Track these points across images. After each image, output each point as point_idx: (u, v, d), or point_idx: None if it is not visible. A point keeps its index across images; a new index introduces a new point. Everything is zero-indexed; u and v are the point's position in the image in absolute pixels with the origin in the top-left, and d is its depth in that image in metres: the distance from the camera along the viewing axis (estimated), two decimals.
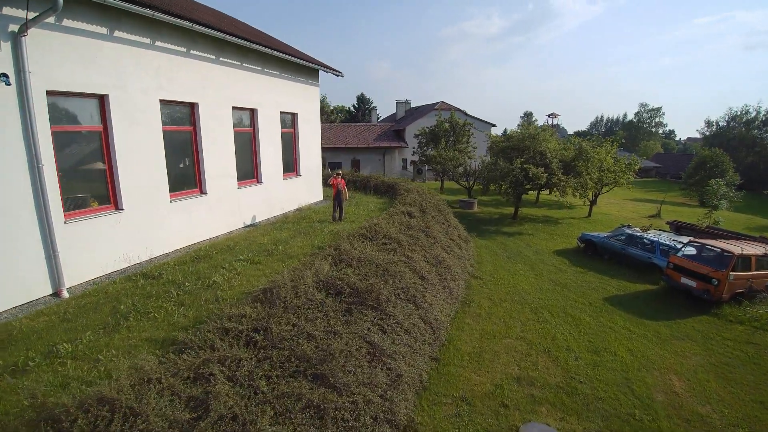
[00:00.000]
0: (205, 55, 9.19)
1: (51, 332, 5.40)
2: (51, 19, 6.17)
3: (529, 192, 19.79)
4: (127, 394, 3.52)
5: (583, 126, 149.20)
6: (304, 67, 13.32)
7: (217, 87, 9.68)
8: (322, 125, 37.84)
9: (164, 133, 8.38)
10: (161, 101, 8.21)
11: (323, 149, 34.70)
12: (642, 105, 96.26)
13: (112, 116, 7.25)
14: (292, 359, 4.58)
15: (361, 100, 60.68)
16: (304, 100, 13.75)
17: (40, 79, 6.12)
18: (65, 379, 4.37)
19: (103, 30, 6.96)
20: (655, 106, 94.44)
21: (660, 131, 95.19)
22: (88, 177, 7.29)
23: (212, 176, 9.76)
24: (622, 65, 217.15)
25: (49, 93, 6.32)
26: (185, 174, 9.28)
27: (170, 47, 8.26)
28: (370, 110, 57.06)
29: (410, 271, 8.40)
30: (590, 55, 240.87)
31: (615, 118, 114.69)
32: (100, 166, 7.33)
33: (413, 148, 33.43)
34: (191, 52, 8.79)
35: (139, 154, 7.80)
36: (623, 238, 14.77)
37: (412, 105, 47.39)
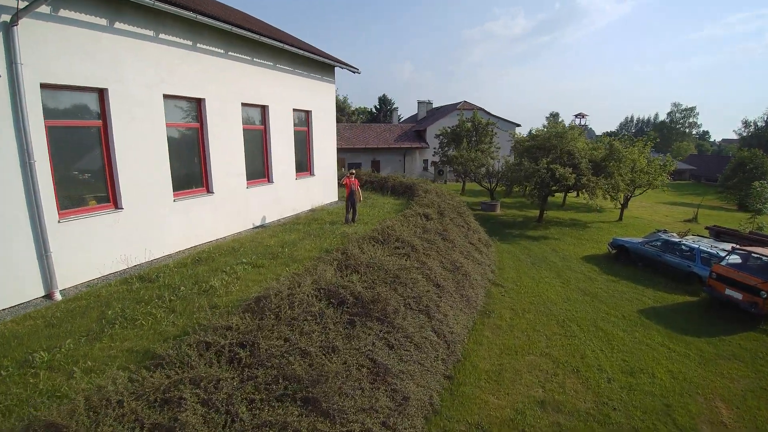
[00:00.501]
0: (213, 48, 8.84)
1: (33, 338, 5.05)
2: (46, 10, 5.89)
3: (556, 194, 18.72)
4: (81, 420, 3.04)
5: (612, 127, 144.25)
6: (318, 63, 12.89)
7: (226, 82, 9.32)
8: (341, 126, 37.80)
9: (168, 129, 8.05)
10: (165, 96, 7.88)
11: (343, 150, 34.45)
12: (675, 105, 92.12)
13: (111, 111, 6.94)
14: (280, 380, 4.03)
15: (383, 101, 60.26)
16: (318, 97, 13.31)
17: (33, 71, 5.83)
18: (32, 393, 3.96)
19: (103, 21, 6.65)
20: (689, 105, 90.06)
21: (693, 132, 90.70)
22: (86, 174, 7.00)
23: (219, 175, 9.40)
24: (651, 64, 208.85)
25: (43, 86, 6.03)
26: (190, 172, 8.95)
27: (175, 40, 7.92)
28: (391, 111, 56.53)
29: (424, 278, 7.76)
30: (618, 55, 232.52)
31: (646, 118, 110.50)
32: (98, 163, 7.03)
33: (434, 148, 32.67)
34: (198, 45, 8.44)
35: (140, 151, 7.48)
36: (659, 244, 13.62)
37: (434, 105, 46.57)
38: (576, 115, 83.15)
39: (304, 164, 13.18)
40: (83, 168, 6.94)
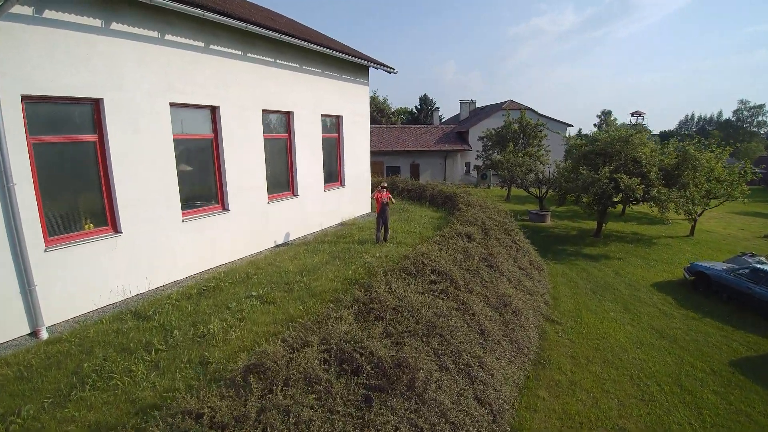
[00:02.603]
0: (229, 50, 7.91)
1: None
2: (28, 11, 5.12)
3: (617, 205, 16.48)
4: None
5: (670, 125, 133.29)
6: (350, 64, 11.76)
7: (244, 87, 8.39)
8: (380, 127, 36.71)
9: (176, 141, 7.19)
10: (172, 105, 7.03)
11: (380, 153, 33.36)
12: (742, 102, 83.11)
13: (108, 124, 6.13)
14: None
15: (424, 101, 58.64)
16: (350, 100, 12.19)
17: (13, 81, 5.08)
18: None
19: (96, 22, 5.84)
20: (758, 103, 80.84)
21: (761, 131, 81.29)
22: (80, 195, 6.24)
23: (236, 190, 8.49)
24: (711, 59, 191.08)
25: (25, 98, 5.28)
26: (203, 188, 8.09)
27: (183, 41, 7.04)
28: (432, 111, 54.82)
29: (465, 322, 6.38)
30: (676, 49, 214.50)
31: (708, 116, 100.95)
32: (94, 182, 6.25)
33: (477, 151, 30.76)
34: (211, 47, 7.54)
35: (142, 168, 6.65)
36: (747, 272, 11.27)
37: (478, 105, 44.38)
38: (632, 114, 77.15)
39: (333, 174, 12.11)
40: (76, 188, 6.18)
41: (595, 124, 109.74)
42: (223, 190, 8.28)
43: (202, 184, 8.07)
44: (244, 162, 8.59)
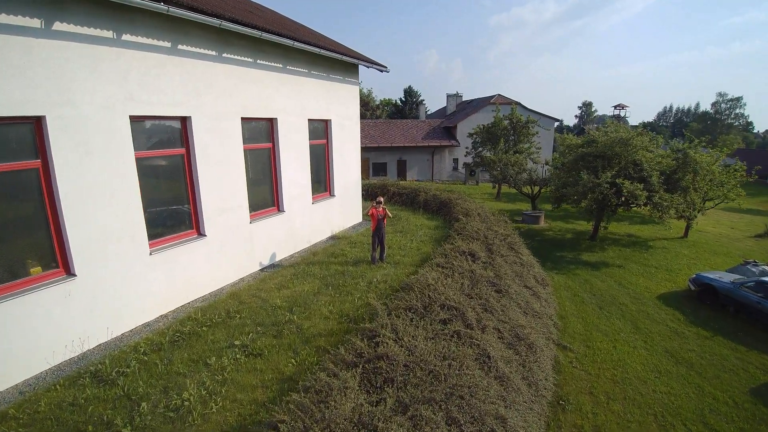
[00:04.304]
0: (201, 51, 6.80)
1: None
2: None
3: (618, 210, 15.98)
4: None
5: (649, 117, 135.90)
6: (339, 63, 10.70)
7: (220, 93, 7.30)
8: (365, 122, 35.47)
9: (139, 161, 6.10)
10: (133, 118, 5.92)
11: (367, 149, 32.25)
12: (720, 95, 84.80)
13: (52, 146, 5.01)
14: None
15: (409, 93, 57.46)
16: (339, 102, 11.16)
17: None
18: None
19: (35, 22, 4.70)
20: (735, 96, 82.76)
21: (736, 123, 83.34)
22: (22, 235, 5.13)
23: (213, 211, 7.45)
24: (689, 51, 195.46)
25: None
26: (174, 212, 7.02)
27: (146, 42, 5.91)
28: (417, 104, 53.77)
29: (482, 369, 5.60)
30: (654, 41, 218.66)
31: (686, 108, 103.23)
32: (39, 216, 5.14)
33: (466, 147, 30.00)
34: (179, 47, 6.42)
35: (97, 195, 5.55)
36: (752, 284, 10.89)
37: (464, 98, 43.56)
38: (615, 107, 77.90)
39: (322, 184, 11.11)
40: (18, 226, 5.06)
41: (576, 116, 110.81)
42: (198, 212, 7.22)
43: (172, 207, 7.00)
44: (221, 178, 7.54)
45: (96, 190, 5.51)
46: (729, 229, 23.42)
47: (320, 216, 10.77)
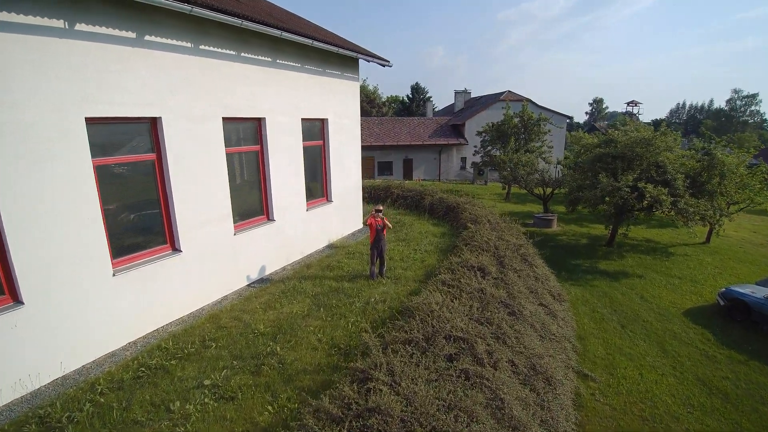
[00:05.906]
0: (172, 42, 5.96)
1: None
2: None
3: (639, 215, 14.89)
4: None
5: (662, 113, 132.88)
6: (336, 56, 9.82)
7: (196, 91, 6.47)
8: (370, 120, 34.55)
9: (99, 169, 5.31)
10: (90, 120, 5.11)
11: (371, 147, 31.33)
12: (735, 91, 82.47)
13: None
14: None
15: (416, 90, 56.37)
16: (337, 100, 10.29)
17: None
18: None
19: None
20: (750, 92, 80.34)
21: (751, 121, 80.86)
22: None
23: (191, 223, 6.64)
24: (702, 46, 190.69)
25: None
26: (143, 226, 6.23)
27: (105, 32, 5.09)
28: (425, 101, 52.72)
29: (494, 418, 4.73)
30: (666, 36, 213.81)
31: (699, 105, 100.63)
32: None
33: (474, 146, 28.96)
34: (146, 38, 5.59)
35: (49, 211, 4.76)
36: None
37: (472, 95, 42.43)
38: (628, 103, 76.03)
39: (317, 189, 10.27)
40: None
41: (586, 113, 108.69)
42: (172, 225, 6.41)
43: (141, 220, 6.20)
44: (199, 186, 6.72)
45: (42, 205, 4.70)
46: (751, 233, 22.15)
47: (316, 224, 9.93)
